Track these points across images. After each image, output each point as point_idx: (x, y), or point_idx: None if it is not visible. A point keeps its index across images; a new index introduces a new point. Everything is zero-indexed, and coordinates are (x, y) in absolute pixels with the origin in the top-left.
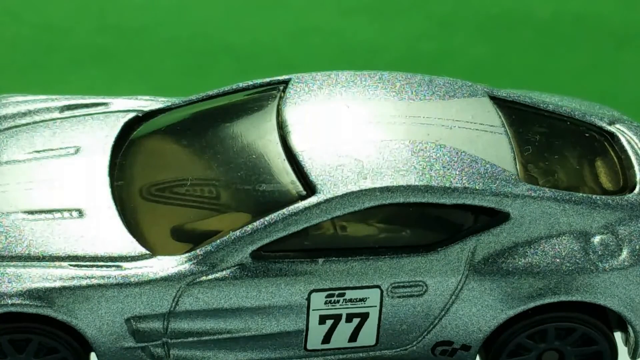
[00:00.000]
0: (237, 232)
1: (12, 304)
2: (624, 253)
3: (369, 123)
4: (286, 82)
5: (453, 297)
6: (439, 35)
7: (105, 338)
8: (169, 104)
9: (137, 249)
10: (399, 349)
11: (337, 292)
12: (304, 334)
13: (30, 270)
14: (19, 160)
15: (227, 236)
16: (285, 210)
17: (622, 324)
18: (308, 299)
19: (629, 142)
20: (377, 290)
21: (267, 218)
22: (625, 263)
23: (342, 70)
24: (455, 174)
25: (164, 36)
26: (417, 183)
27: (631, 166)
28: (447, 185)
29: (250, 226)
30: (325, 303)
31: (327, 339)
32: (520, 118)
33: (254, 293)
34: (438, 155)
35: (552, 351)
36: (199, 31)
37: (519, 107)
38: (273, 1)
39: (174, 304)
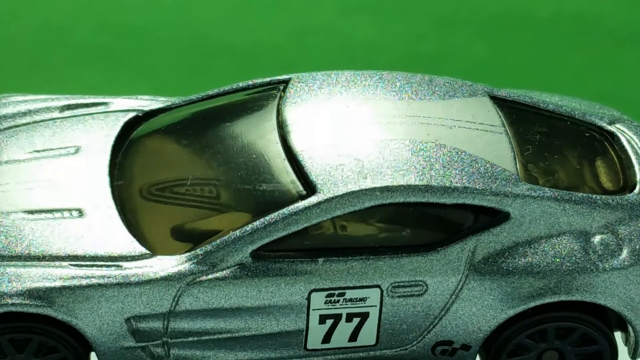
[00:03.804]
0: (237, 232)
1: (12, 304)
2: (624, 253)
3: (369, 123)
4: (286, 82)
5: (453, 296)
6: (439, 35)
7: (106, 338)
8: (169, 103)
9: (137, 248)
10: (399, 349)
11: (337, 292)
12: (304, 333)
13: (31, 270)
14: (19, 160)
15: (227, 236)
16: (286, 210)
17: (622, 323)
18: (308, 299)
19: (629, 142)
20: (377, 290)
21: (267, 218)
22: (626, 263)
23: (342, 70)
24: (456, 173)
25: (164, 36)
26: (417, 183)
27: (631, 166)
28: (447, 185)
29: (250, 226)
30: (326, 303)
31: (327, 338)
32: (521, 118)
33: (254, 293)
34: (438, 155)
35: (552, 351)
36: (199, 31)
37: (519, 106)
38: (273, 1)
39: (174, 304)
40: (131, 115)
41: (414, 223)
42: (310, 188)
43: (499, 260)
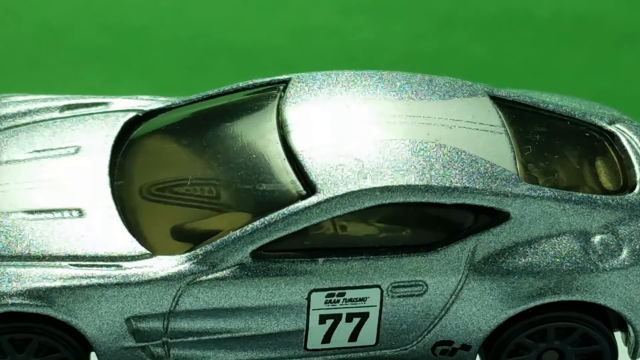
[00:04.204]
0: (237, 232)
1: (13, 304)
2: (624, 253)
3: (369, 123)
4: (286, 82)
5: (453, 296)
6: (439, 34)
7: (106, 338)
8: (169, 103)
9: (137, 248)
10: (399, 349)
11: (337, 292)
12: (304, 333)
13: (31, 270)
14: (19, 160)
15: (227, 236)
16: (286, 210)
17: (622, 323)
18: (308, 299)
19: (629, 142)
20: (377, 290)
21: (267, 218)
22: (626, 263)
23: (342, 70)
24: (456, 173)
25: (164, 36)
26: (417, 183)
27: (631, 166)
28: (447, 184)
29: (250, 226)
30: (326, 303)
31: (327, 338)
32: (521, 118)
33: (254, 293)
34: (438, 154)
35: (552, 351)
36: (199, 31)
37: (519, 106)
38: (273, 1)
39: (174, 304)
40: (131, 115)
41: (414, 223)
42: (310, 188)
43: (499, 260)
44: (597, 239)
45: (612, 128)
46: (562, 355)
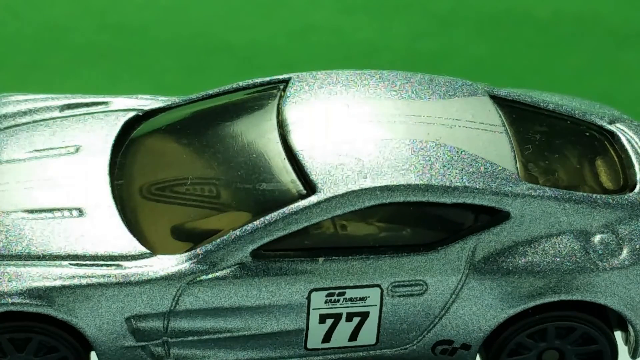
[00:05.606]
0: (237, 231)
1: (13, 303)
2: (624, 252)
3: (369, 122)
4: (286, 81)
5: (453, 296)
6: (439, 34)
7: (106, 337)
8: (169, 103)
9: (137, 248)
10: (399, 348)
11: (337, 291)
12: (304, 333)
13: (31, 269)
14: (19, 159)
15: (227, 235)
16: (286, 209)
17: (622, 323)
18: (308, 298)
19: (629, 141)
20: (378, 290)
21: (267, 217)
22: (626, 262)
23: (343, 69)
24: (456, 173)
25: (164, 35)
26: (417, 182)
27: (631, 165)
28: (448, 184)
29: (250, 225)
30: (326, 302)
31: (327, 338)
32: (521, 117)
33: (254, 292)
34: (438, 154)
35: (552, 350)
36: (199, 30)
37: (519, 106)
38: (273, 1)
39: (174, 303)
40: (131, 114)
41: (414, 222)
42: (310, 187)
43: (499, 259)
44: (597, 238)
45: (612, 127)
46: (562, 354)
